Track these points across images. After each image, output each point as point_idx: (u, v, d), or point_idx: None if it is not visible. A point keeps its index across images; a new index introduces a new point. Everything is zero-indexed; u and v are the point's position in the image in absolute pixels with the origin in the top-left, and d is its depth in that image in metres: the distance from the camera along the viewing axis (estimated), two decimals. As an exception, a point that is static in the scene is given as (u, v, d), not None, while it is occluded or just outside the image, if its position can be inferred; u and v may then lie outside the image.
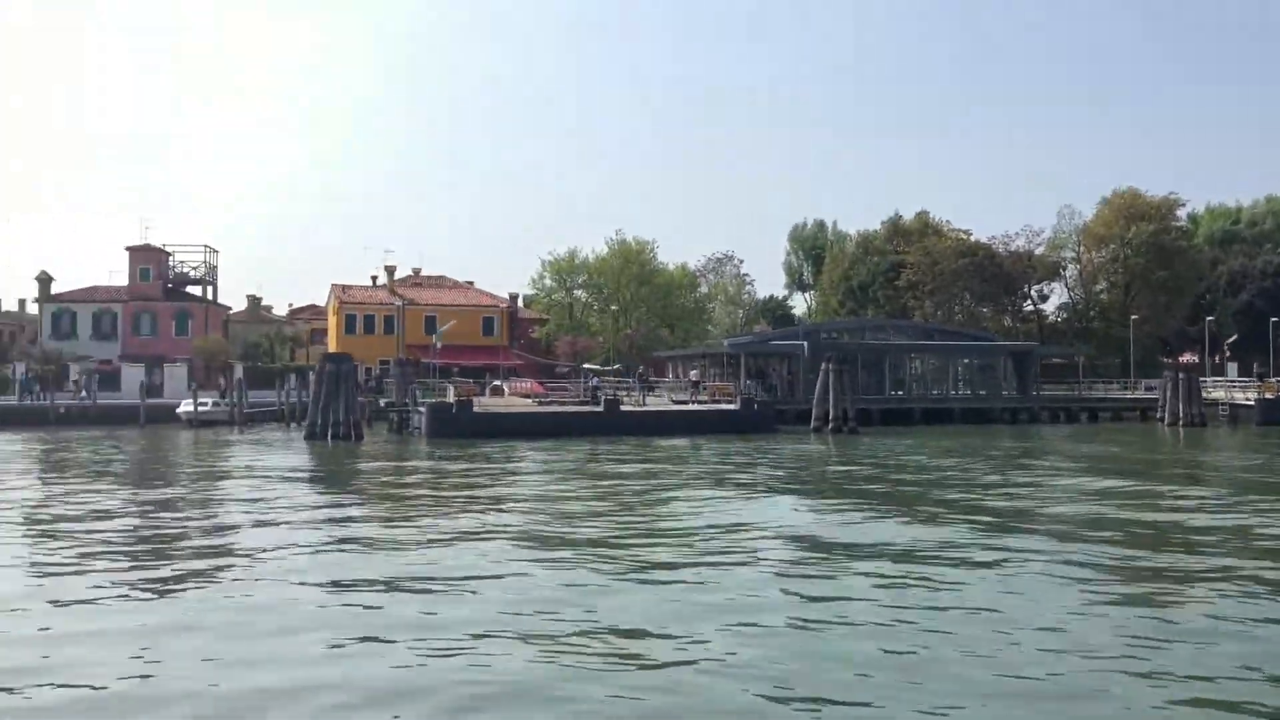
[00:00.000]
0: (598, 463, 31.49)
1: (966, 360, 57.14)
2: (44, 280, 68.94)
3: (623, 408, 45.85)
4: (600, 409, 45.61)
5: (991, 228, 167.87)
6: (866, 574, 13.19)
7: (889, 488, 24.25)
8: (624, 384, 53.58)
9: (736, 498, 22.00)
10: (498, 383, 57.43)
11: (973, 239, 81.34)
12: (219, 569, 14.05)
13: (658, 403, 49.46)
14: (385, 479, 27.74)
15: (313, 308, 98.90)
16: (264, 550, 15.36)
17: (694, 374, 52.44)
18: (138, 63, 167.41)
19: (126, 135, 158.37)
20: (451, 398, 46.25)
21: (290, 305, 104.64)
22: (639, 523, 18.44)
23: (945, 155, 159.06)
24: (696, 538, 16.45)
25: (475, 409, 44.27)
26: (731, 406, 47.21)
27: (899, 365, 56.65)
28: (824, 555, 14.86)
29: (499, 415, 44.49)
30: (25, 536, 17.47)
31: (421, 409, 44.95)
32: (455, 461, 32.02)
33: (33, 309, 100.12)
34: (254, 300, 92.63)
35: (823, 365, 47.17)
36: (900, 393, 55.80)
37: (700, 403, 48.85)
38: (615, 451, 35.33)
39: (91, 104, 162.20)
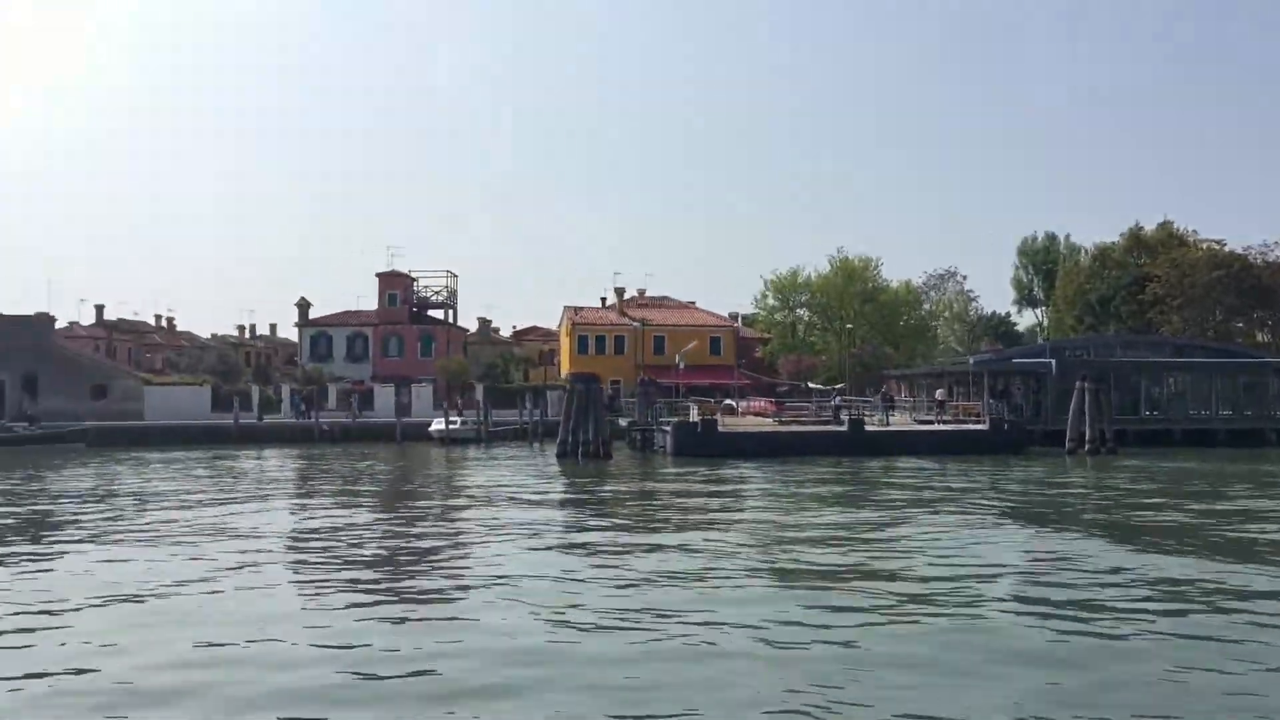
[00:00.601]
0: (865, 484, 31.16)
1: (1230, 378, 53.67)
2: (303, 306, 73.83)
3: (867, 428, 45.29)
4: (843, 428, 45.19)
5: (1245, 237, 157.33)
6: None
7: (1225, 527, 22.77)
8: (849, 404, 52.86)
9: (1039, 533, 21.03)
10: (730, 401, 57.72)
11: (1226, 249, 76.46)
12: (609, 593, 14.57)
13: (901, 422, 48.61)
14: (665, 501, 28.18)
15: (535, 329, 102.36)
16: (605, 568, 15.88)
17: (939, 393, 51.21)
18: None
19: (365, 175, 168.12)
20: (694, 417, 46.77)
21: (514, 327, 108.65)
22: (935, 556, 18.12)
23: (1187, 160, 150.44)
24: (1005, 570, 16.03)
25: (720, 428, 44.65)
26: (979, 427, 45.89)
27: (1154, 383, 53.72)
28: (1190, 604, 14.20)
29: (743, 435, 44.70)
30: (353, 550, 18.65)
31: (665, 428, 45.64)
32: (718, 483, 32.33)
33: (287, 333, 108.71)
34: (484, 322, 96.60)
35: (1077, 384, 45.27)
36: (1155, 412, 52.90)
37: (945, 422, 47.69)
38: (866, 472, 34.94)
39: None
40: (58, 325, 69.09)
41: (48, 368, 61.51)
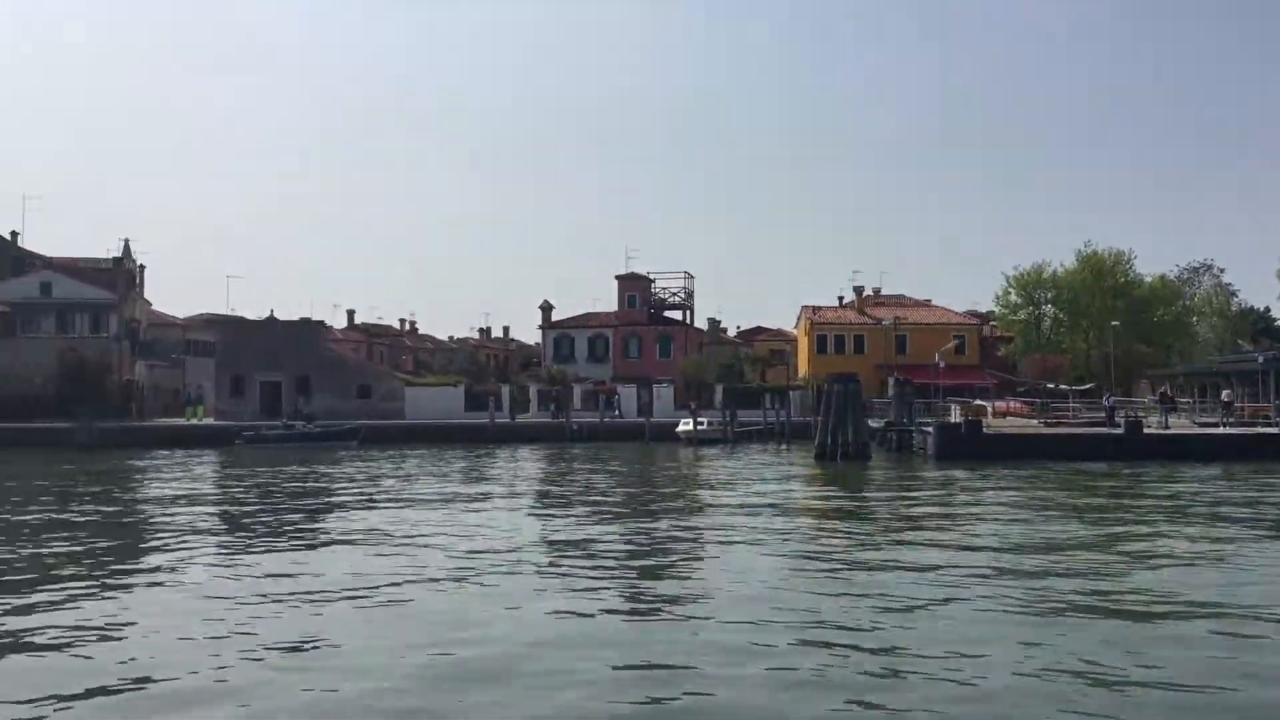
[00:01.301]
0: (1165, 495, 29.42)
1: None
2: (546, 309, 76.09)
3: (1145, 430, 42.80)
4: (1119, 431, 42.89)
5: None
6: None
7: None
8: (1125, 405, 50.09)
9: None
10: (980, 402, 55.80)
11: None
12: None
13: (1180, 425, 45.75)
14: (968, 511, 27.41)
15: (760, 329, 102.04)
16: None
17: (1225, 394, 47.93)
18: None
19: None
20: (956, 418, 45.44)
21: (738, 327, 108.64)
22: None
23: None
24: None
25: (984, 429, 43.19)
26: (1272, 430, 42.63)
27: None
28: None
29: (1009, 437, 43.08)
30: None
31: (926, 429, 44.52)
32: (1004, 488, 31.24)
33: (519, 335, 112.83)
34: (714, 323, 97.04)
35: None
36: None
37: (1230, 425, 44.56)
38: (1150, 479, 32.96)
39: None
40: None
41: (318, 370, 65.59)
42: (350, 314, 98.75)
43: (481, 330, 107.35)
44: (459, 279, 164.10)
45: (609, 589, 15.15)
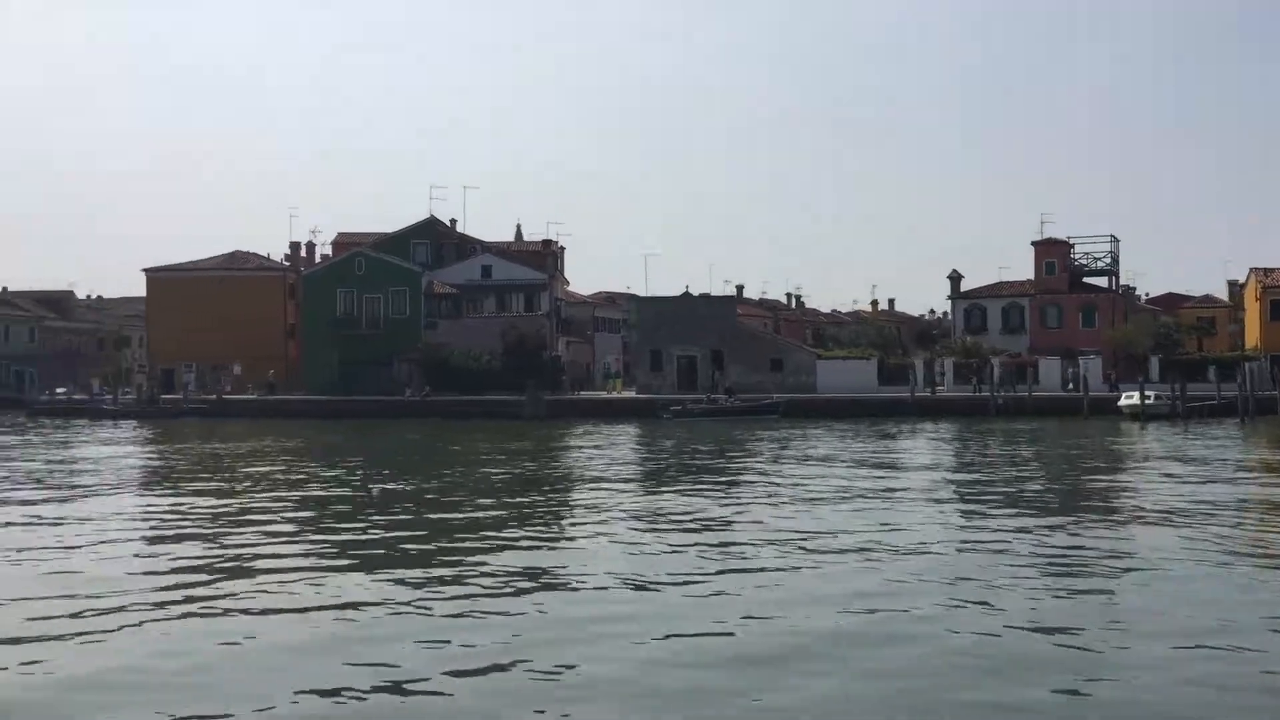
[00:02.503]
0: None
1: None
2: (954, 278, 73.24)
3: None
4: None
5: None
6: None
7: None
8: None
9: None
10: None
11: None
12: None
13: None
14: None
15: (1174, 295, 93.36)
16: None
17: None
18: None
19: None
20: None
21: (1146, 294, 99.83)
22: None
23: None
24: None
25: None
26: None
27: None
28: None
29: None
30: None
31: None
32: None
33: (905, 306, 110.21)
34: (1128, 290, 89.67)
35: None
36: None
37: None
38: None
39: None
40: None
41: (732, 344, 66.65)
42: (739, 289, 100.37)
43: (873, 303, 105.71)
44: (839, 251, 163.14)
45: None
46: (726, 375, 64.16)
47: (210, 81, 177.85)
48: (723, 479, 27.58)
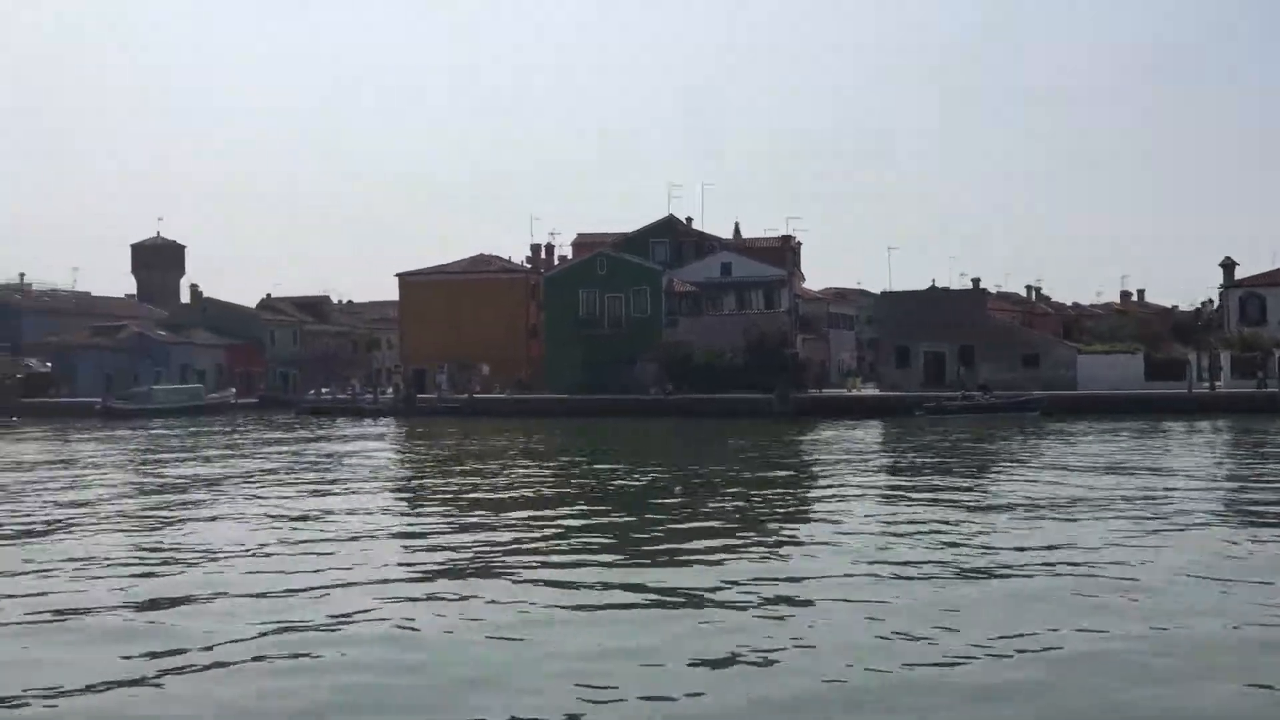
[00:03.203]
0: None
1: None
2: (1228, 265, 68.06)
3: None
4: None
5: None
6: None
7: None
8: None
9: None
10: None
11: None
12: None
13: None
14: None
15: None
16: None
17: None
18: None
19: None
20: None
21: None
22: None
23: None
24: None
25: None
26: None
27: None
28: None
29: None
30: None
31: None
32: None
33: (1156, 297, 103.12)
34: None
35: None
36: None
37: None
38: None
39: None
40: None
41: (982, 339, 63.95)
42: (976, 282, 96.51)
43: (1124, 294, 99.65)
44: (1079, 242, 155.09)
45: None
46: (976, 372, 61.54)
47: (462, 90, 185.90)
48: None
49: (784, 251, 71.11)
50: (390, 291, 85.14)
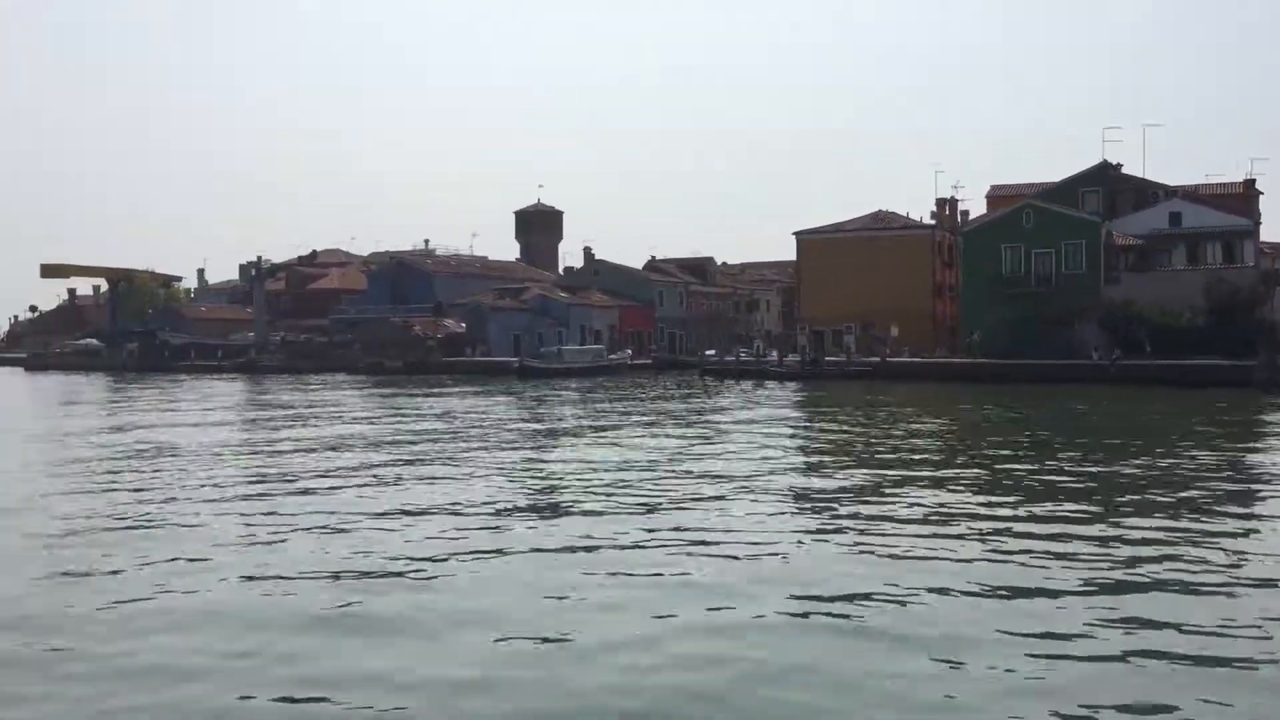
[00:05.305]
0: None
1: None
2: None
3: None
4: None
5: None
6: None
7: None
8: None
9: None
10: None
11: None
12: None
13: None
14: None
15: None
16: None
17: None
18: None
19: None
20: None
21: None
22: None
23: None
24: None
25: None
26: None
27: None
28: None
29: None
30: None
31: None
32: None
33: None
34: None
35: None
36: None
37: None
38: None
39: None
40: None
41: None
42: None
43: None
44: None
45: None
46: None
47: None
48: None
49: (1247, 198, 61.66)
50: (763, 253, 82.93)
